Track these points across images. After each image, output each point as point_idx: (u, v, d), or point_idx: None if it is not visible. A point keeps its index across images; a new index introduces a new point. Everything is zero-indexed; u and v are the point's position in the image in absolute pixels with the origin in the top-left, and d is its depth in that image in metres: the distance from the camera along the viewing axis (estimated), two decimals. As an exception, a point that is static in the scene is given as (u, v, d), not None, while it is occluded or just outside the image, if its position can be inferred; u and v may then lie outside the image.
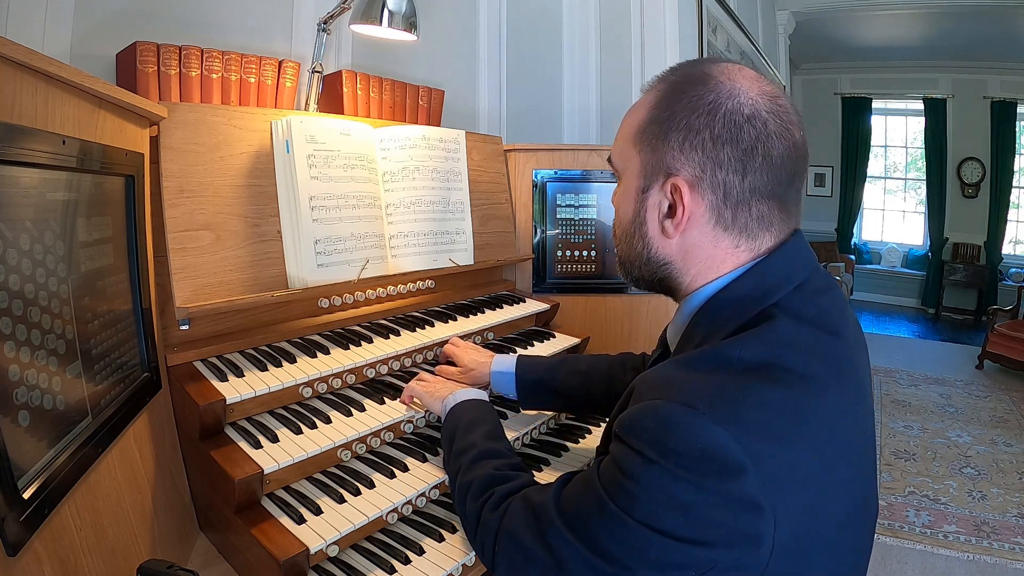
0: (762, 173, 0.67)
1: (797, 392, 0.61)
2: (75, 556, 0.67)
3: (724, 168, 0.67)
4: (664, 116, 0.70)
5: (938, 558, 2.54)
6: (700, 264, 0.72)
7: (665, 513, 0.59)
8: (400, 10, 1.37)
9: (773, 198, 0.69)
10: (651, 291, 0.81)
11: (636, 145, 0.73)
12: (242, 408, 1.03)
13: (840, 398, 0.65)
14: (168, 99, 1.20)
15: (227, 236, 1.12)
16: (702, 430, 0.58)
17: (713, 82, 0.69)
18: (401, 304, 1.44)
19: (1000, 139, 6.90)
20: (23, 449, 0.60)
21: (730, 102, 0.67)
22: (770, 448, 0.58)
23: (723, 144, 0.66)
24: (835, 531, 0.65)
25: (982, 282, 7.10)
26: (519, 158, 1.82)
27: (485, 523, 0.79)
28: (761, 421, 0.59)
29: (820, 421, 0.63)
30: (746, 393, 0.60)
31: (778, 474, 0.58)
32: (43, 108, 0.66)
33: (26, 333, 0.62)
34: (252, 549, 0.89)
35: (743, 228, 0.69)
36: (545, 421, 1.33)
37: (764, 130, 0.67)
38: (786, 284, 0.68)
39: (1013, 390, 4.63)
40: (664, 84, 0.73)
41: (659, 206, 0.72)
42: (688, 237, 0.71)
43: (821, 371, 0.64)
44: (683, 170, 0.68)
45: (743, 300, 0.69)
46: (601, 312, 1.86)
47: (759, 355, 0.63)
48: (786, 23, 5.57)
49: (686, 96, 0.69)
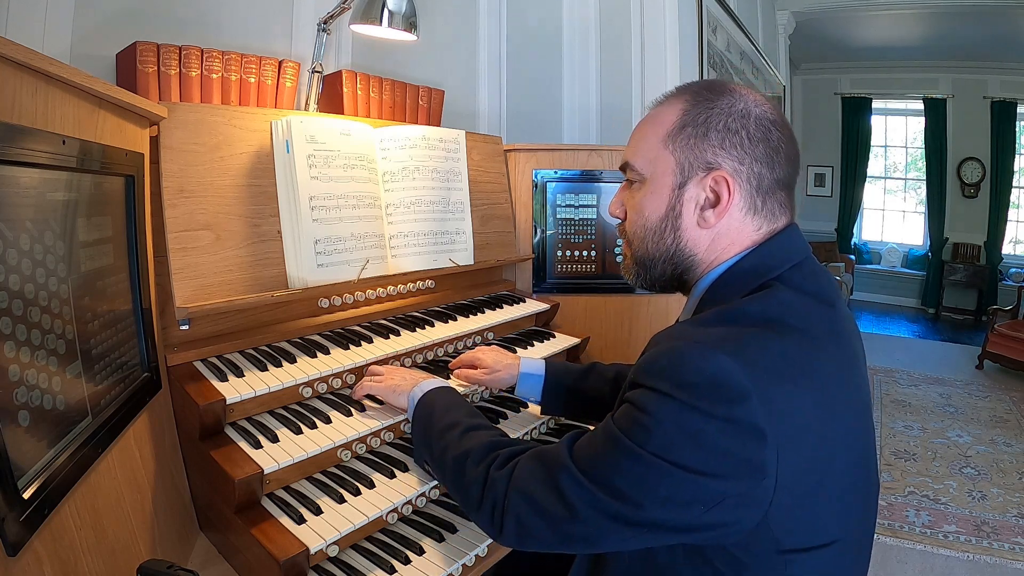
0: (784, 167, 0.79)
1: (798, 345, 0.69)
2: (75, 556, 0.67)
3: (759, 162, 0.77)
4: (701, 119, 0.78)
5: (938, 558, 2.54)
6: (719, 251, 0.80)
7: (677, 444, 0.64)
8: (400, 10, 1.37)
9: (788, 188, 0.81)
10: (663, 291, 0.87)
11: (668, 146, 0.80)
12: (242, 408, 1.03)
13: (837, 359, 0.72)
14: (168, 99, 1.20)
15: (227, 236, 1.12)
16: (711, 360, 0.64)
17: (737, 94, 0.79)
18: (401, 304, 1.44)
19: (1000, 139, 6.89)
20: (23, 449, 0.60)
21: (757, 110, 0.78)
22: (773, 384, 0.64)
23: (757, 142, 0.77)
24: (839, 485, 0.69)
25: (982, 282, 7.09)
26: (519, 158, 1.82)
27: (492, 482, 0.79)
28: (765, 361, 0.65)
29: (820, 373, 0.69)
30: (752, 337, 0.67)
31: (780, 409, 0.64)
32: (43, 108, 0.66)
33: (26, 333, 0.62)
34: (252, 549, 0.89)
35: (769, 212, 0.79)
36: (545, 421, 1.33)
37: (783, 134, 0.79)
38: (786, 262, 0.77)
39: (1013, 390, 4.62)
40: (689, 94, 0.81)
41: (697, 198, 0.79)
42: (721, 224, 0.79)
43: (819, 332, 0.71)
44: (725, 164, 0.77)
45: (747, 273, 0.77)
46: (601, 312, 1.86)
47: (763, 311, 0.71)
48: (786, 23, 5.57)
49: (718, 103, 0.78)
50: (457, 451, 0.87)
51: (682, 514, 0.65)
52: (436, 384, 1.07)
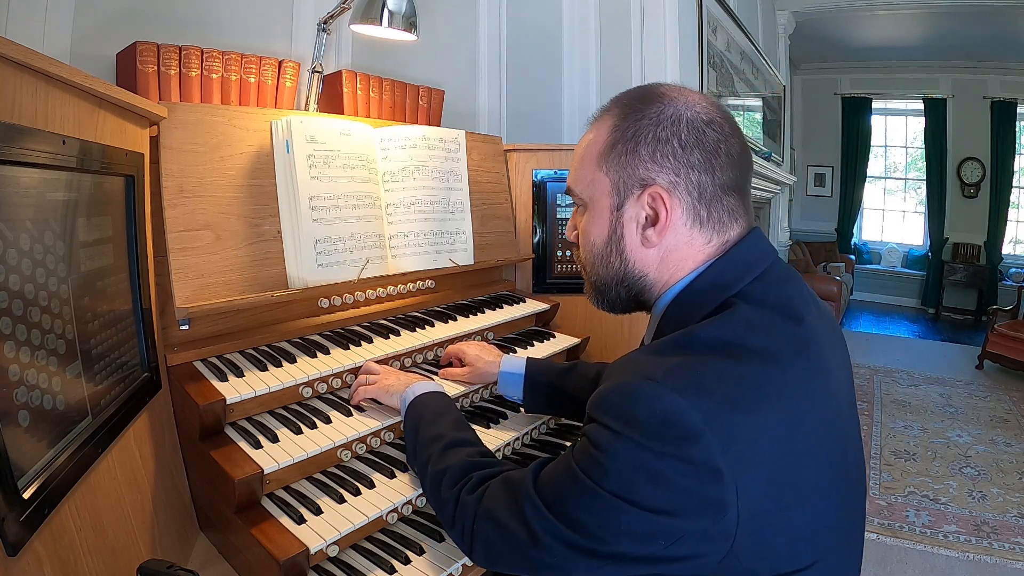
0: (727, 169, 0.74)
1: (756, 366, 0.65)
2: (75, 556, 0.67)
3: (696, 169, 0.73)
4: (629, 134, 0.75)
5: (938, 558, 2.54)
6: (673, 267, 0.76)
7: (633, 482, 0.62)
8: (400, 10, 1.37)
9: (737, 190, 0.76)
10: (625, 312, 0.84)
11: (602, 167, 0.77)
12: (242, 408, 1.03)
13: (803, 372, 0.68)
14: (168, 99, 1.20)
15: (227, 236, 1.12)
16: (661, 398, 0.62)
17: (667, 99, 0.75)
18: (401, 304, 1.44)
19: (1000, 139, 6.90)
20: (23, 449, 0.60)
21: (688, 112, 0.74)
22: (728, 415, 0.61)
23: (691, 148, 0.72)
24: (811, 505, 0.67)
25: (982, 282, 7.10)
26: (519, 158, 1.82)
27: (463, 506, 0.80)
28: (719, 390, 0.62)
29: (780, 392, 0.65)
30: (704, 366, 0.64)
31: (738, 441, 0.61)
32: (43, 108, 0.66)
33: (26, 333, 0.62)
34: (252, 549, 0.89)
35: (716, 222, 0.75)
36: (545, 421, 1.33)
37: (722, 131, 0.74)
38: (747, 275, 0.73)
39: (1013, 390, 4.63)
40: (618, 107, 0.78)
41: (637, 218, 0.76)
42: (667, 241, 0.75)
43: (780, 348, 0.67)
44: (659, 178, 0.73)
45: (706, 292, 0.74)
46: (601, 312, 1.85)
47: (718, 335, 0.67)
48: (786, 23, 5.57)
49: (646, 113, 0.74)
50: (436, 467, 0.88)
51: (645, 547, 0.63)
52: (426, 388, 1.07)
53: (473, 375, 1.26)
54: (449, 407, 1.03)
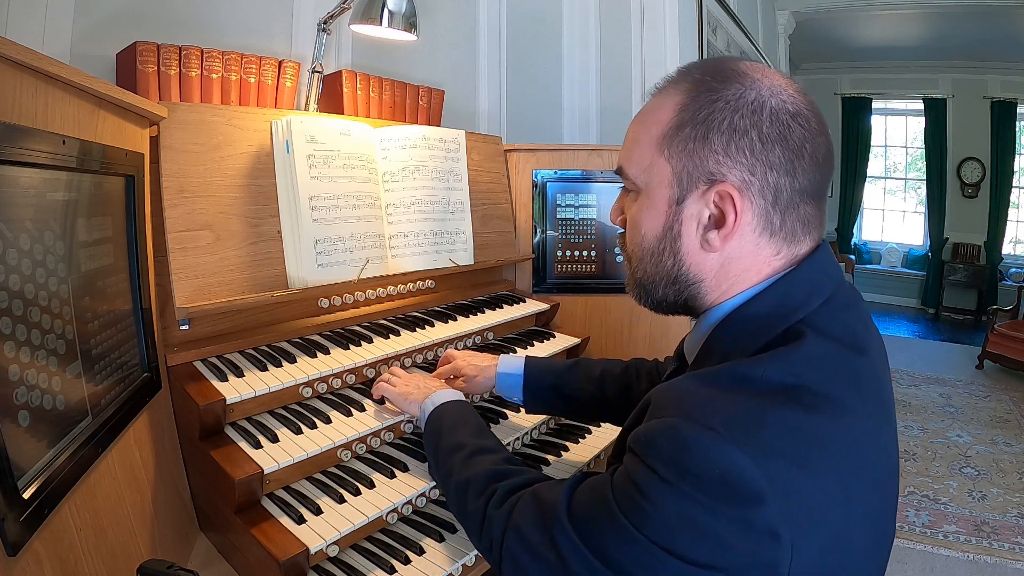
0: (809, 173, 0.64)
1: (821, 416, 0.58)
2: (75, 556, 0.67)
3: (775, 169, 0.63)
4: (700, 117, 0.64)
5: (938, 558, 2.54)
6: (733, 278, 0.68)
7: (678, 534, 0.56)
8: (400, 10, 1.37)
9: (816, 198, 0.67)
10: (670, 313, 0.76)
11: (663, 152, 0.67)
12: (242, 408, 1.03)
13: (865, 420, 0.62)
14: (168, 99, 1.20)
15: (227, 236, 1.12)
16: (720, 453, 0.55)
17: (748, 79, 0.65)
18: (401, 304, 1.44)
19: (1000, 139, 6.90)
20: (23, 449, 0.60)
21: (773, 99, 0.63)
22: (792, 474, 0.55)
23: (773, 144, 0.63)
24: (858, 561, 0.62)
25: (982, 282, 7.09)
26: (519, 158, 1.82)
27: (491, 520, 0.76)
28: (783, 446, 0.56)
29: (843, 446, 0.59)
30: (768, 416, 0.57)
31: (799, 502, 0.55)
32: (43, 108, 0.66)
33: (26, 333, 0.62)
34: (252, 549, 0.89)
35: (789, 233, 0.66)
36: (545, 421, 1.33)
37: (809, 127, 0.64)
38: (813, 299, 0.65)
39: (1013, 390, 4.63)
40: (687, 82, 0.67)
41: (699, 216, 0.66)
42: (730, 248, 0.66)
43: (846, 393, 0.61)
44: (730, 175, 0.64)
45: (768, 316, 0.65)
46: (601, 312, 1.86)
47: (783, 376, 0.59)
48: (786, 23, 5.57)
49: (723, 94, 0.64)
50: (460, 478, 0.84)
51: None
52: (447, 397, 1.04)
53: (471, 387, 1.20)
54: (469, 415, 1.00)
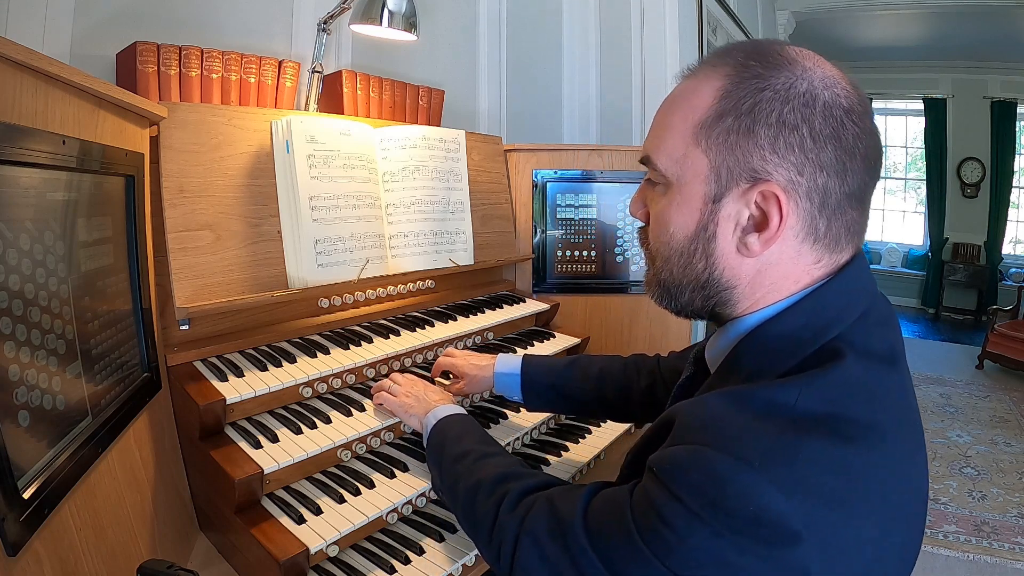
0: (860, 175, 0.59)
1: (858, 448, 0.54)
2: (75, 556, 0.67)
3: (825, 171, 0.57)
4: (745, 107, 0.58)
5: (938, 558, 2.54)
6: (768, 286, 0.62)
7: (705, 570, 0.53)
8: (400, 10, 1.37)
9: (861, 203, 0.61)
10: (693, 318, 0.70)
11: (700, 142, 0.60)
12: (242, 408, 1.03)
13: (901, 445, 0.59)
14: (168, 99, 1.20)
15: (227, 236, 1.12)
16: (756, 490, 0.51)
17: (799, 67, 0.58)
18: (401, 304, 1.44)
19: (1000, 139, 6.89)
20: (23, 449, 0.60)
21: (827, 92, 0.57)
22: (827, 514, 0.52)
23: (825, 142, 0.56)
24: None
25: (982, 282, 7.09)
26: (519, 158, 1.82)
27: (501, 526, 0.73)
28: (820, 483, 0.52)
29: (880, 481, 0.56)
30: (803, 449, 0.53)
31: (833, 542, 0.52)
32: (43, 108, 0.66)
33: (26, 333, 0.62)
34: (252, 549, 0.89)
35: (833, 240, 0.60)
36: (545, 421, 1.33)
37: (863, 125, 0.58)
38: (848, 314, 0.60)
39: (1013, 390, 4.63)
40: (730, 67, 0.60)
41: (737, 217, 0.60)
42: (770, 253, 0.60)
43: (883, 417, 0.57)
44: (776, 173, 0.57)
45: (801, 332, 0.60)
46: (601, 312, 1.86)
47: (819, 405, 0.55)
48: (786, 23, 5.56)
49: (771, 83, 0.57)
50: (469, 481, 0.82)
51: None
52: (449, 411, 1.02)
53: (470, 386, 1.20)
54: (473, 427, 0.98)
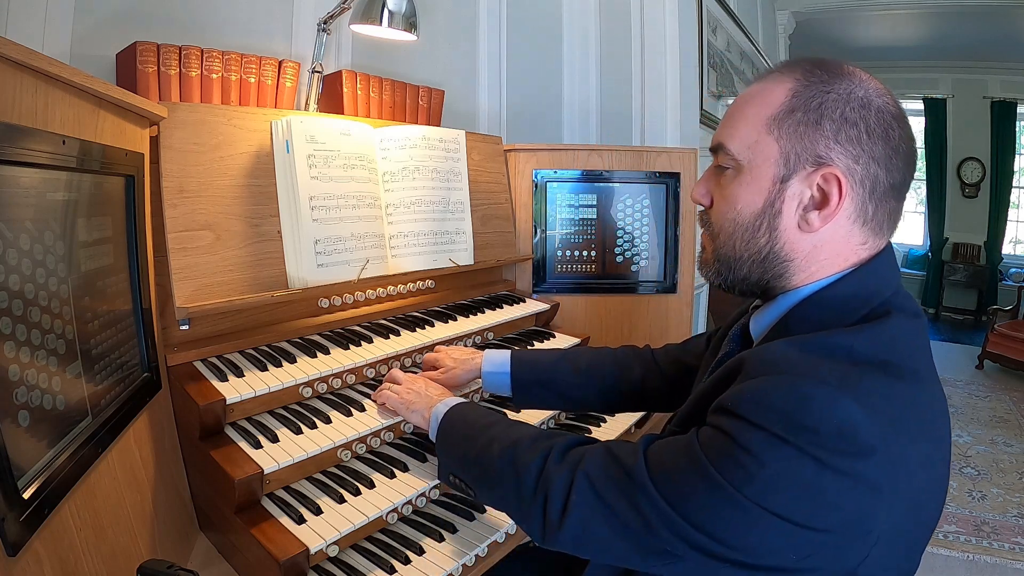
0: (901, 171, 0.69)
1: (912, 389, 0.62)
2: (75, 556, 0.67)
3: (876, 161, 0.67)
4: (814, 104, 0.68)
5: (938, 558, 2.54)
6: (822, 261, 0.71)
7: (785, 494, 0.57)
8: (400, 10, 1.37)
9: (900, 196, 0.71)
10: (741, 295, 0.78)
11: (772, 132, 0.70)
12: (242, 408, 1.03)
13: (937, 390, 0.67)
14: (168, 99, 1.20)
15: (227, 236, 1.12)
16: (839, 405, 0.57)
17: (857, 78, 0.69)
18: (401, 304, 1.44)
19: (1000, 139, 6.90)
20: (23, 449, 0.60)
21: (879, 100, 0.68)
22: (893, 436, 0.58)
23: (877, 139, 0.67)
24: (924, 531, 0.65)
25: (982, 282, 7.10)
26: (519, 158, 1.82)
27: (549, 475, 0.72)
28: (887, 410, 0.59)
29: (926, 413, 0.63)
30: (873, 381, 0.60)
31: (899, 461, 0.58)
32: (43, 108, 0.66)
33: (26, 333, 0.62)
34: (252, 549, 0.89)
35: (878, 224, 0.70)
36: (546, 420, 1.33)
37: (905, 130, 0.69)
38: (888, 287, 0.70)
39: (1013, 390, 4.63)
40: (799, 72, 0.71)
41: (801, 196, 0.70)
42: (826, 230, 0.70)
43: (923, 365, 0.65)
44: (838, 160, 0.67)
45: (853, 298, 0.69)
46: (601, 312, 1.86)
47: (873, 350, 0.63)
48: (786, 23, 5.57)
49: (835, 87, 0.68)
50: (504, 442, 0.81)
51: (771, 558, 0.59)
52: (457, 402, 1.00)
53: (449, 378, 1.18)
54: (487, 410, 0.97)
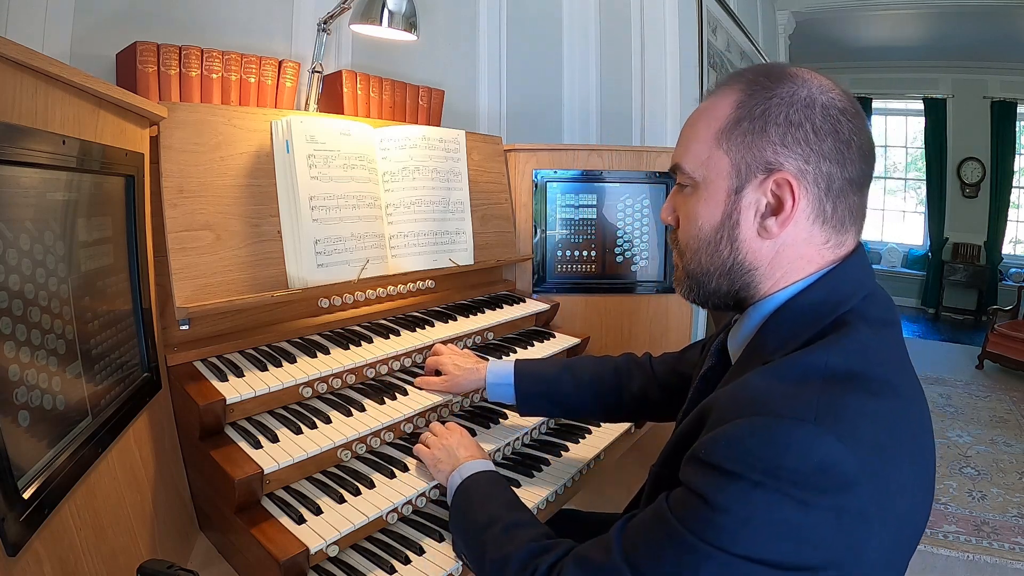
0: (857, 164, 0.69)
1: (890, 402, 0.61)
2: (75, 556, 0.67)
3: (827, 159, 0.67)
4: (757, 112, 0.69)
5: (938, 558, 2.54)
6: (785, 267, 0.71)
7: (771, 541, 0.55)
8: (400, 10, 1.37)
9: (861, 189, 0.71)
10: (717, 308, 0.78)
11: (722, 145, 0.71)
12: (242, 408, 1.03)
13: (918, 405, 0.66)
14: (168, 99, 1.20)
15: (227, 236, 1.12)
16: (817, 443, 0.55)
17: (799, 79, 0.70)
18: (401, 304, 1.44)
19: (1000, 139, 6.89)
20: (23, 449, 0.60)
21: (823, 96, 0.68)
22: (875, 459, 0.57)
23: (825, 136, 0.67)
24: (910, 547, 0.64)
25: (982, 282, 7.09)
26: (519, 158, 1.82)
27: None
28: (866, 431, 0.57)
29: (906, 430, 0.62)
30: (845, 403, 0.58)
31: (883, 486, 0.57)
32: (43, 108, 0.66)
33: (26, 333, 0.62)
34: (252, 549, 0.89)
35: (839, 221, 0.70)
36: (545, 421, 1.33)
37: (855, 122, 0.69)
38: (857, 293, 0.68)
39: (1013, 390, 4.62)
40: (742, 83, 0.72)
41: (757, 204, 0.70)
42: (786, 234, 0.70)
43: (898, 377, 0.64)
44: (787, 163, 0.68)
45: (818, 306, 0.68)
46: (601, 312, 1.86)
47: (846, 364, 0.61)
48: (786, 23, 5.56)
49: (777, 92, 0.69)
50: (497, 554, 0.81)
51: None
52: (475, 469, 0.99)
53: (451, 386, 1.20)
54: (499, 488, 0.96)
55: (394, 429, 1.14)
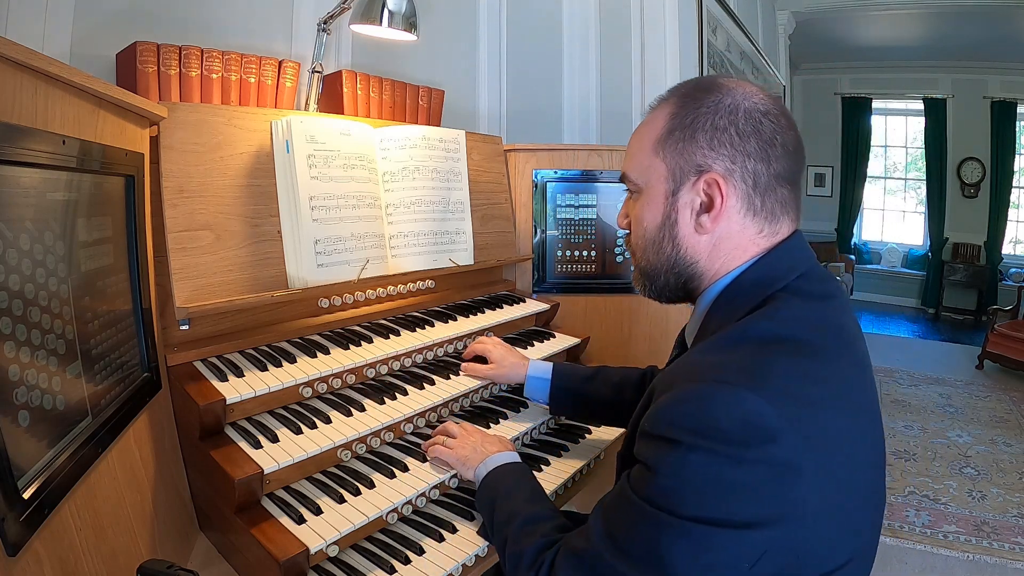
0: (782, 160, 0.75)
1: (813, 362, 0.66)
2: (75, 556, 0.67)
3: (752, 158, 0.74)
4: (687, 122, 0.76)
5: (938, 558, 2.54)
6: (723, 257, 0.77)
7: (714, 500, 0.60)
8: (400, 10, 1.37)
9: (790, 183, 0.77)
10: (673, 301, 0.85)
11: (659, 153, 0.78)
12: (242, 408, 1.03)
13: (851, 366, 0.70)
14: (168, 99, 1.20)
15: (227, 236, 1.12)
16: (740, 401, 0.60)
17: (725, 89, 0.76)
18: (401, 304, 1.44)
19: (1000, 139, 6.89)
20: (23, 449, 0.60)
21: (746, 102, 0.75)
22: (802, 412, 0.61)
23: (748, 137, 0.74)
24: (857, 500, 0.67)
25: (982, 282, 7.09)
26: (519, 158, 1.82)
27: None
28: (790, 387, 0.62)
29: (838, 387, 0.67)
30: (770, 363, 0.64)
31: (815, 436, 0.61)
32: (43, 108, 0.66)
33: (26, 333, 0.62)
34: (252, 549, 0.89)
35: (769, 212, 0.76)
36: (545, 421, 1.33)
37: (779, 123, 0.75)
38: (792, 273, 0.74)
39: (1013, 390, 4.62)
40: (675, 97, 0.79)
41: (692, 204, 0.77)
42: (720, 228, 0.76)
43: (830, 342, 0.69)
44: (715, 165, 0.74)
45: (754, 285, 0.74)
46: (601, 312, 1.86)
47: (774, 329, 0.68)
48: (786, 23, 5.57)
49: (704, 102, 0.76)
50: (514, 548, 0.85)
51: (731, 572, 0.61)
52: (500, 461, 1.03)
53: (497, 374, 1.30)
54: (523, 480, 1.00)
55: (394, 429, 1.14)
